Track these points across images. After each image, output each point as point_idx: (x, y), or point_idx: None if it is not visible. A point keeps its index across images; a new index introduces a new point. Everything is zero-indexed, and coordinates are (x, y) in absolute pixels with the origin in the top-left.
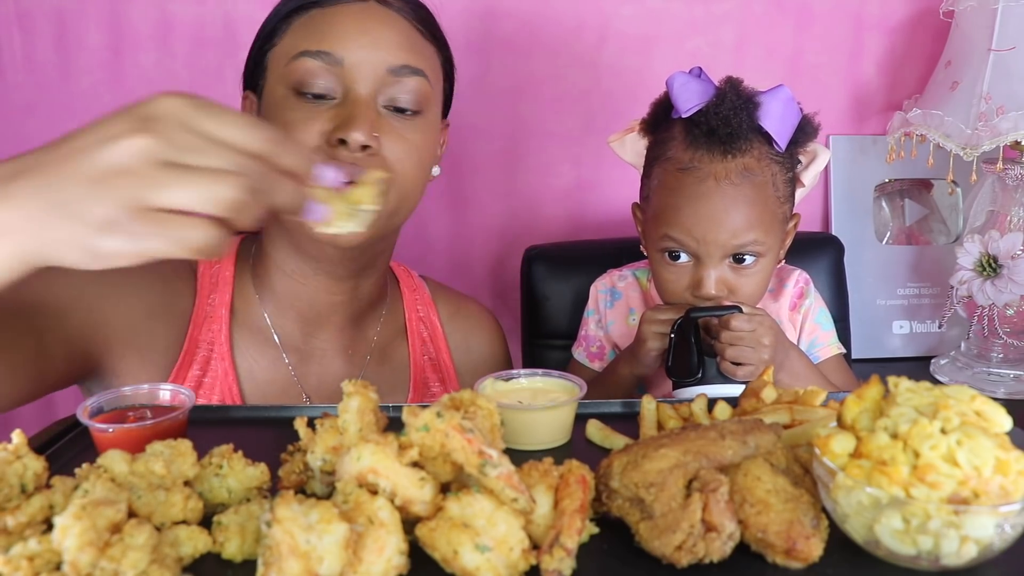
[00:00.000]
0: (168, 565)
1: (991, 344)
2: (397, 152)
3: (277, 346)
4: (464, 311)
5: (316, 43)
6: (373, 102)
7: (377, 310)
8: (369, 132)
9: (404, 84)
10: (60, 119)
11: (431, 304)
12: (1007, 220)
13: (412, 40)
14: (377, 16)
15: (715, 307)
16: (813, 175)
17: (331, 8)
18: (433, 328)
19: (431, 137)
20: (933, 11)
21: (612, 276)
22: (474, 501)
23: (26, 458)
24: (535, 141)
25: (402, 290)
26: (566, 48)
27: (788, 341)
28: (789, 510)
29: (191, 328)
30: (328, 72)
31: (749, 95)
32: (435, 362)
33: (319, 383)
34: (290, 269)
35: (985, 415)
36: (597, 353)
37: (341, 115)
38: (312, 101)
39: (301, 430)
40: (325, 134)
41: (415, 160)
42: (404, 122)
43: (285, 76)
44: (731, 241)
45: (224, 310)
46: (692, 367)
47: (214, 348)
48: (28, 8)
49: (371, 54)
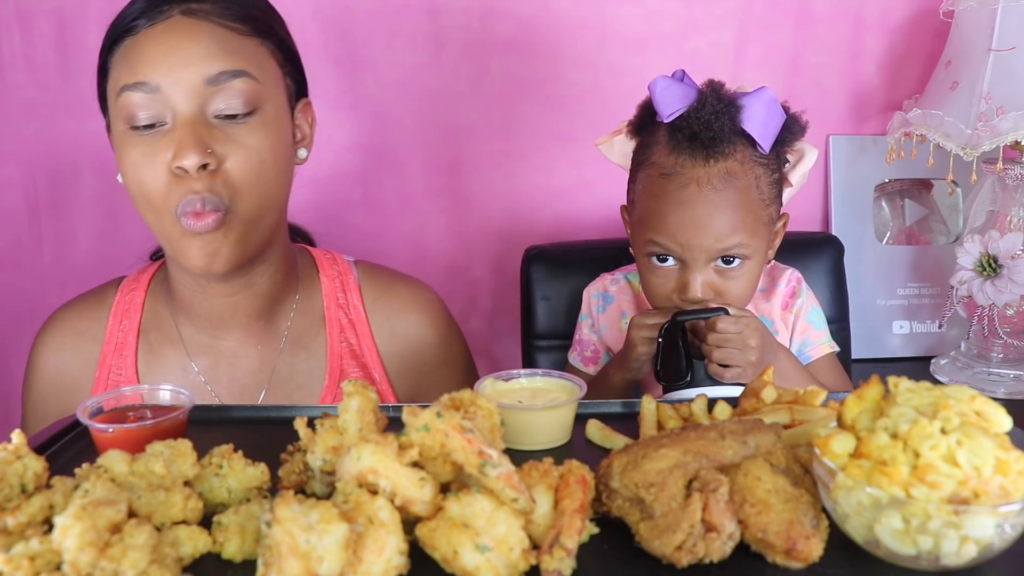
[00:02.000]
0: (168, 565)
1: (991, 344)
2: (238, 161)
3: (186, 355)
4: (391, 293)
5: (132, 75)
6: (202, 117)
7: (287, 302)
8: (201, 152)
9: (227, 90)
10: (60, 119)
11: (355, 289)
12: (1007, 220)
13: (226, 43)
14: (183, 30)
15: (702, 310)
16: (801, 174)
17: (141, 34)
18: (355, 313)
19: (273, 132)
20: (933, 11)
21: (604, 280)
22: (474, 501)
23: (26, 458)
24: (535, 141)
25: (320, 277)
26: (566, 48)
27: (776, 342)
28: (789, 510)
29: (101, 360)
30: (150, 101)
31: (731, 98)
32: (354, 348)
33: (230, 382)
34: (186, 281)
35: (985, 415)
36: (591, 357)
37: (174, 141)
38: (146, 133)
39: (301, 430)
40: (166, 164)
41: (256, 162)
42: (239, 127)
43: (118, 112)
44: (715, 245)
45: (132, 336)
46: (680, 371)
47: (122, 373)
48: (28, 8)
49: (184, 72)
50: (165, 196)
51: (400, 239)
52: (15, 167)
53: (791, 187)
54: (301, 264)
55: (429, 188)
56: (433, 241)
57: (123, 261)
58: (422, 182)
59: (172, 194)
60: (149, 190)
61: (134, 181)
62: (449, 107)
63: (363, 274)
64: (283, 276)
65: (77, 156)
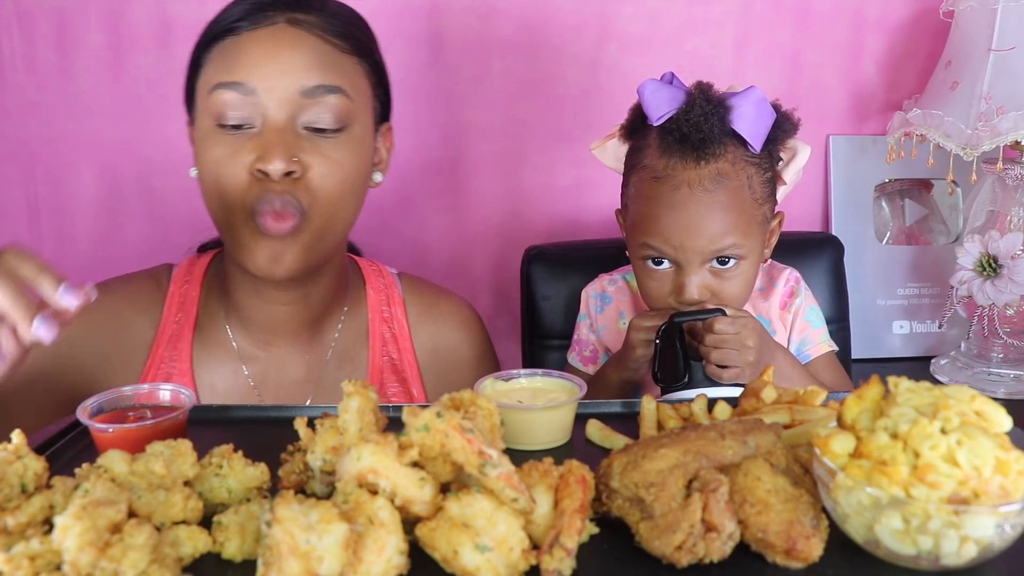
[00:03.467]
0: (168, 565)
1: (991, 344)
2: (321, 171)
3: (238, 358)
4: (435, 310)
5: (229, 74)
6: (291, 126)
7: (335, 313)
8: (287, 159)
9: (321, 104)
10: (60, 119)
11: (400, 303)
12: (1007, 220)
13: (326, 58)
14: (287, 39)
15: (699, 311)
16: (794, 172)
17: (243, 36)
18: (398, 328)
19: (358, 151)
20: (933, 11)
21: (603, 281)
22: (474, 501)
23: (26, 458)
24: (535, 141)
25: (367, 290)
26: (566, 48)
27: (774, 342)
28: (789, 510)
29: (154, 348)
30: (243, 102)
31: (719, 99)
32: (395, 363)
33: (278, 389)
34: (244, 284)
35: (985, 415)
36: (590, 357)
37: (260, 144)
38: (233, 132)
39: (301, 430)
40: (248, 166)
41: (339, 177)
42: (326, 141)
43: (207, 109)
44: (709, 247)
45: (188, 329)
46: (678, 372)
47: (175, 365)
48: (28, 8)
49: (282, 79)
50: (242, 195)
51: (400, 239)
52: (15, 167)
53: (785, 185)
54: (350, 276)
55: (429, 188)
56: (433, 241)
57: (123, 261)
58: (422, 182)
59: (250, 193)
60: (226, 188)
61: (212, 177)
62: (449, 107)
63: (407, 288)
64: (336, 289)
65: (77, 156)
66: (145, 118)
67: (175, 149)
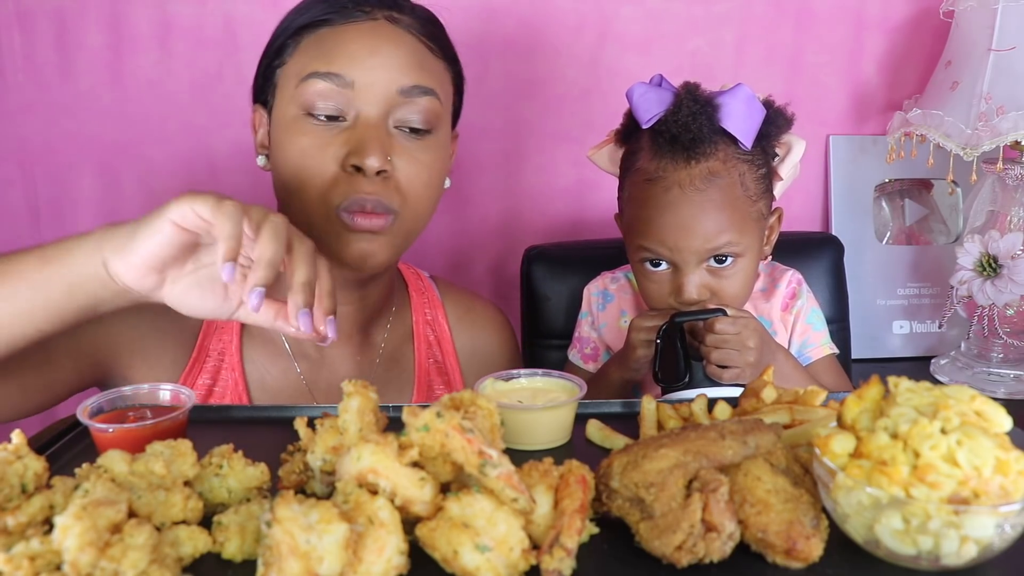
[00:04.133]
0: (168, 565)
1: (991, 344)
2: (410, 173)
3: (288, 355)
4: (473, 313)
5: (326, 64)
6: (384, 123)
7: (384, 316)
8: (383, 157)
9: (415, 104)
10: (60, 119)
11: (439, 306)
12: (1007, 220)
13: (422, 59)
14: (387, 35)
15: (700, 311)
16: (790, 166)
17: (341, 27)
18: (440, 331)
19: (442, 154)
20: (933, 11)
21: (605, 279)
22: (474, 501)
23: (26, 458)
24: (535, 141)
25: (410, 293)
26: (566, 48)
27: (774, 343)
28: (789, 510)
29: (201, 338)
30: (339, 94)
31: (707, 99)
32: (440, 365)
33: (329, 389)
34: None
35: (985, 415)
36: (591, 355)
37: (353, 139)
38: (323, 123)
39: (301, 430)
40: (339, 159)
41: (426, 179)
42: (415, 142)
43: (296, 97)
44: (704, 246)
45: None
46: (679, 372)
47: (224, 358)
48: (28, 8)
49: (381, 75)
50: (329, 189)
51: None
52: (15, 167)
53: (781, 180)
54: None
55: None
56: (433, 241)
57: None
58: None
59: (338, 189)
60: (312, 179)
61: (296, 167)
62: None
63: (444, 291)
64: (387, 291)
65: (77, 156)
66: (145, 118)
67: (175, 149)
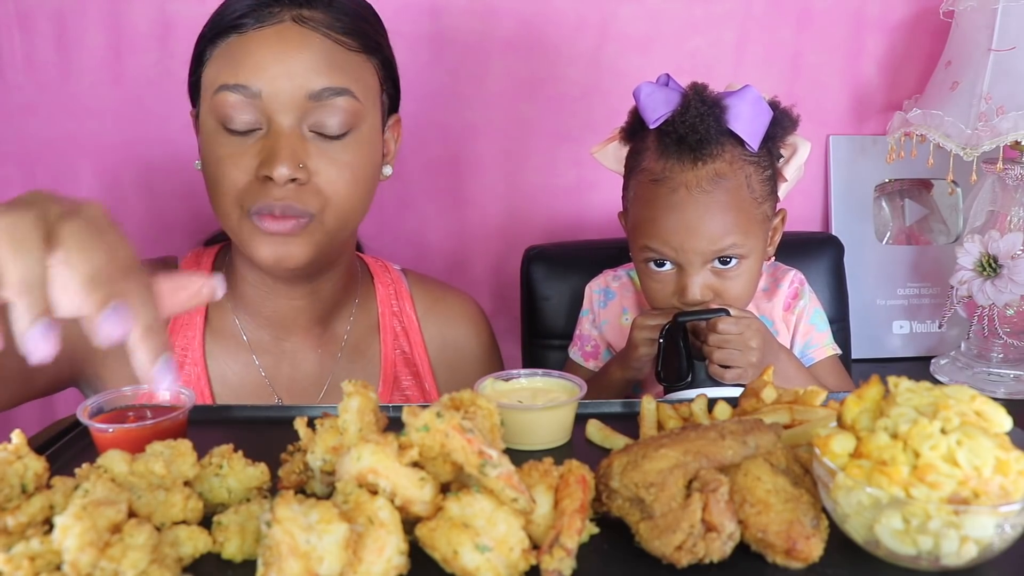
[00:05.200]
0: (168, 565)
1: (991, 344)
2: (330, 176)
3: (249, 350)
4: (442, 304)
5: (233, 76)
6: (297, 130)
7: (346, 308)
8: (294, 165)
9: (328, 107)
10: (60, 119)
11: (408, 298)
12: (1007, 220)
13: (333, 58)
14: (293, 40)
15: (703, 311)
16: (795, 168)
17: (248, 34)
18: (408, 322)
19: (367, 150)
20: (933, 11)
21: (607, 276)
22: (474, 501)
23: (26, 458)
24: (535, 141)
25: (375, 285)
26: (566, 48)
27: (777, 343)
28: (789, 510)
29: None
30: (248, 105)
31: (715, 100)
32: (408, 357)
33: (290, 383)
34: (252, 279)
35: (985, 415)
36: (592, 352)
37: (265, 149)
38: (238, 135)
39: (301, 430)
40: (252, 170)
41: (349, 178)
42: (333, 143)
43: (212, 109)
44: (709, 247)
45: (199, 317)
46: (681, 372)
47: (188, 354)
48: (28, 8)
49: (288, 83)
50: (242, 196)
51: (400, 239)
52: (15, 167)
53: (786, 182)
54: (358, 272)
55: (429, 188)
56: (433, 241)
57: None
58: (422, 182)
59: (250, 196)
60: (228, 188)
61: (214, 176)
62: (449, 107)
63: (413, 283)
64: (345, 284)
65: (77, 156)
66: (145, 118)
67: (175, 149)
